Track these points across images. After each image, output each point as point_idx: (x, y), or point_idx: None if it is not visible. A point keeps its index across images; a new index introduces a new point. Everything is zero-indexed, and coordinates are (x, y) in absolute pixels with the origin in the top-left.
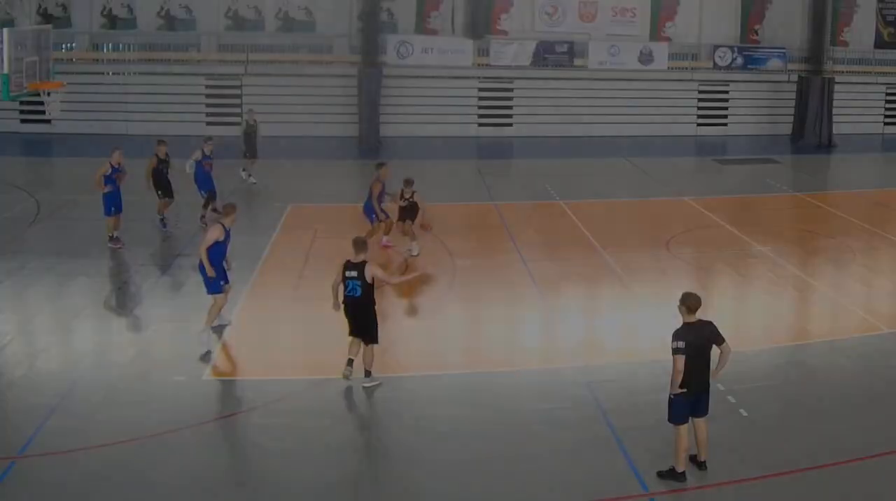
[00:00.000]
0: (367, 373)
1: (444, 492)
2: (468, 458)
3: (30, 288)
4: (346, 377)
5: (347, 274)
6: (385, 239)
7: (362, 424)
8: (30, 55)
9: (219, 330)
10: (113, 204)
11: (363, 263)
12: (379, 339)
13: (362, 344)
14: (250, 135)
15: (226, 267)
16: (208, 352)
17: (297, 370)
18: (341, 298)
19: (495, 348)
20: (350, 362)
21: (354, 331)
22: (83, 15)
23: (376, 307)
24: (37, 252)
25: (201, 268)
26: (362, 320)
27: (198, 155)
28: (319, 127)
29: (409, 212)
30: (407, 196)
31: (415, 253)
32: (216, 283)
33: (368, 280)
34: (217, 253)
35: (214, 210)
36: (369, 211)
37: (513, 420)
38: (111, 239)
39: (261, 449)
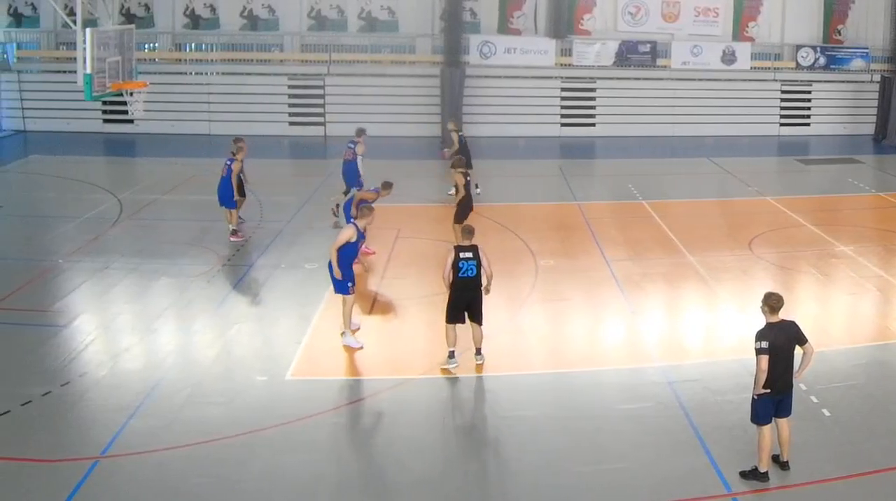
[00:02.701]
0: (479, 351)
1: (527, 492)
2: (552, 458)
3: (113, 288)
4: (451, 371)
5: (462, 255)
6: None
7: (445, 424)
8: (113, 55)
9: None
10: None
11: (476, 246)
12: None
13: (472, 325)
14: None
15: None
16: (360, 348)
17: (379, 370)
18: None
19: (578, 348)
20: (452, 354)
21: (460, 317)
22: (166, 15)
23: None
24: (120, 252)
25: (330, 267)
26: (478, 300)
27: (361, 149)
28: (401, 127)
29: (461, 211)
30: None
31: None
32: (344, 284)
33: (483, 262)
34: (348, 253)
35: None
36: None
37: (596, 419)
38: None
39: (344, 449)
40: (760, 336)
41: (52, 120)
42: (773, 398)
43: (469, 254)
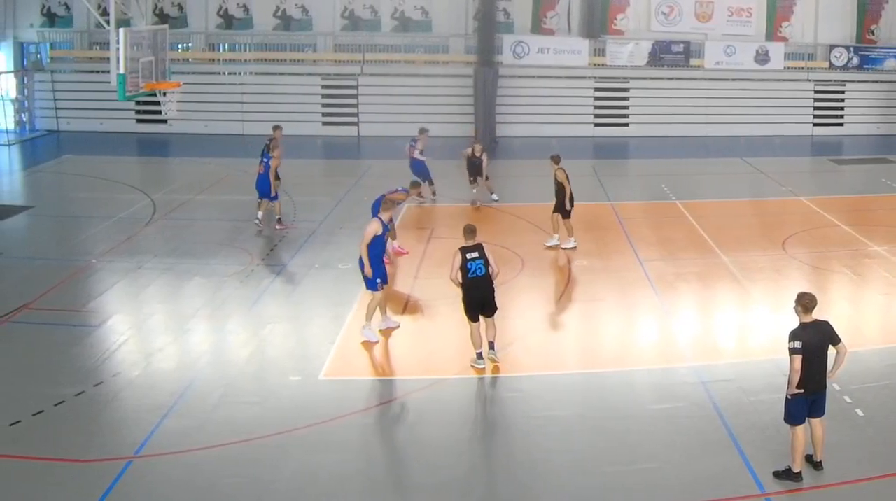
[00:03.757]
0: (492, 345)
1: (560, 491)
2: (583, 458)
3: (146, 288)
4: (481, 371)
5: (469, 256)
6: (397, 244)
7: (477, 424)
8: (146, 55)
9: (386, 332)
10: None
11: (481, 244)
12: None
13: (486, 321)
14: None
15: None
16: (377, 342)
17: (412, 370)
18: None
19: (611, 348)
20: (480, 355)
21: (478, 314)
22: (199, 15)
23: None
24: (153, 252)
25: (361, 264)
26: (490, 296)
27: (421, 145)
28: (435, 127)
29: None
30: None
31: (569, 246)
32: (373, 281)
33: (489, 257)
34: (377, 248)
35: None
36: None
37: (628, 419)
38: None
39: (376, 449)
40: (794, 336)
41: (86, 120)
42: (807, 398)
43: (475, 254)
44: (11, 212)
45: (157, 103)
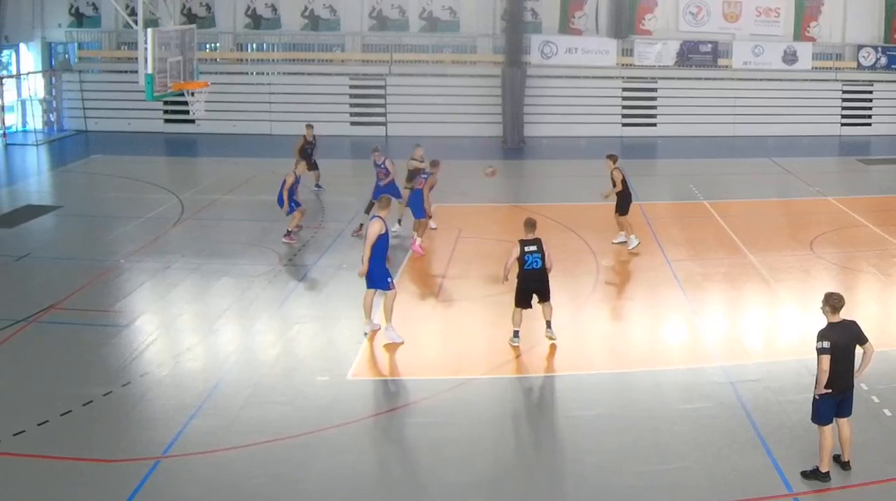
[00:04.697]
0: (549, 324)
1: (589, 491)
2: (611, 457)
3: (174, 288)
4: (517, 345)
5: (527, 249)
6: (418, 242)
7: (507, 423)
8: (174, 55)
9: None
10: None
11: (539, 239)
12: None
13: (542, 305)
14: (306, 150)
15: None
16: (401, 343)
17: (440, 370)
18: (513, 273)
19: (639, 348)
20: (517, 333)
21: (528, 303)
22: (227, 15)
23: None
24: (181, 252)
25: (371, 267)
26: (545, 285)
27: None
28: (463, 127)
29: (623, 203)
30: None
31: (632, 247)
32: (384, 279)
33: (546, 252)
34: (381, 247)
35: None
36: (417, 205)
37: (656, 419)
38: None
39: (404, 449)
40: (822, 336)
41: (114, 120)
42: (835, 398)
43: (534, 248)
44: (40, 212)
45: (185, 103)
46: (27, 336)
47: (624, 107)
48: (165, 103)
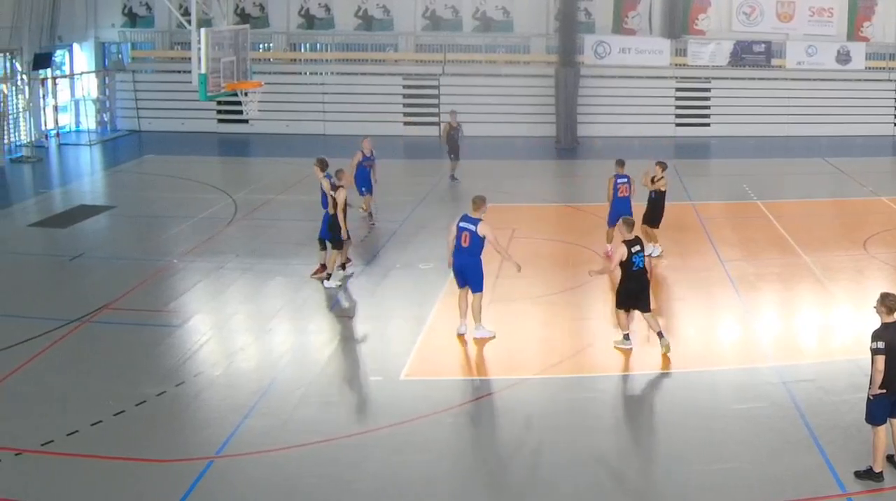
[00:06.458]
0: (661, 334)
1: (641, 489)
2: (665, 457)
3: (228, 288)
4: (627, 351)
5: (633, 249)
6: (610, 248)
7: (559, 424)
8: (227, 55)
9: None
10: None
11: (639, 237)
12: None
13: (645, 316)
14: (453, 136)
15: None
16: (493, 337)
17: (494, 370)
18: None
19: (692, 347)
20: (627, 337)
21: (632, 303)
22: (280, 15)
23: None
24: (234, 252)
25: (474, 268)
26: (647, 287)
27: (359, 156)
28: (516, 127)
29: (653, 212)
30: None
31: (656, 254)
32: (482, 282)
33: (646, 253)
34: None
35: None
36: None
37: (709, 419)
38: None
39: (457, 450)
40: (877, 336)
41: (167, 120)
42: (889, 398)
43: (638, 247)
44: (93, 212)
45: (239, 103)
46: (81, 336)
47: (677, 107)
48: (219, 103)
